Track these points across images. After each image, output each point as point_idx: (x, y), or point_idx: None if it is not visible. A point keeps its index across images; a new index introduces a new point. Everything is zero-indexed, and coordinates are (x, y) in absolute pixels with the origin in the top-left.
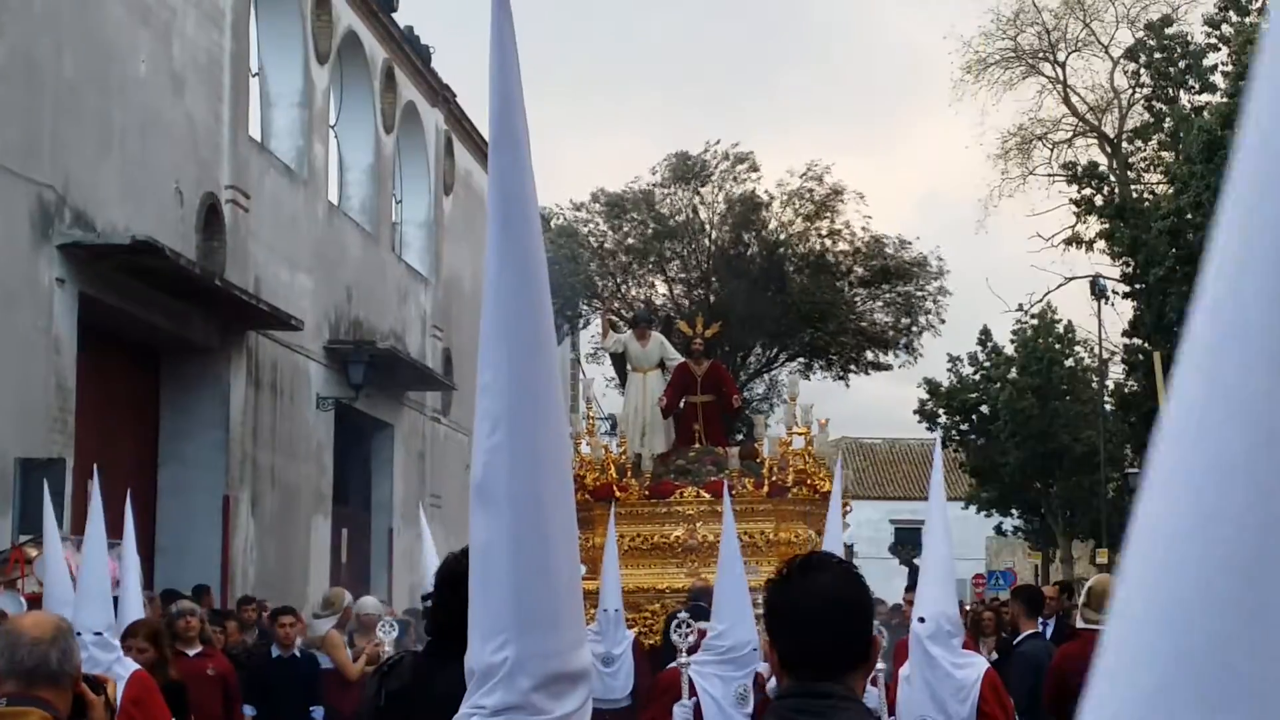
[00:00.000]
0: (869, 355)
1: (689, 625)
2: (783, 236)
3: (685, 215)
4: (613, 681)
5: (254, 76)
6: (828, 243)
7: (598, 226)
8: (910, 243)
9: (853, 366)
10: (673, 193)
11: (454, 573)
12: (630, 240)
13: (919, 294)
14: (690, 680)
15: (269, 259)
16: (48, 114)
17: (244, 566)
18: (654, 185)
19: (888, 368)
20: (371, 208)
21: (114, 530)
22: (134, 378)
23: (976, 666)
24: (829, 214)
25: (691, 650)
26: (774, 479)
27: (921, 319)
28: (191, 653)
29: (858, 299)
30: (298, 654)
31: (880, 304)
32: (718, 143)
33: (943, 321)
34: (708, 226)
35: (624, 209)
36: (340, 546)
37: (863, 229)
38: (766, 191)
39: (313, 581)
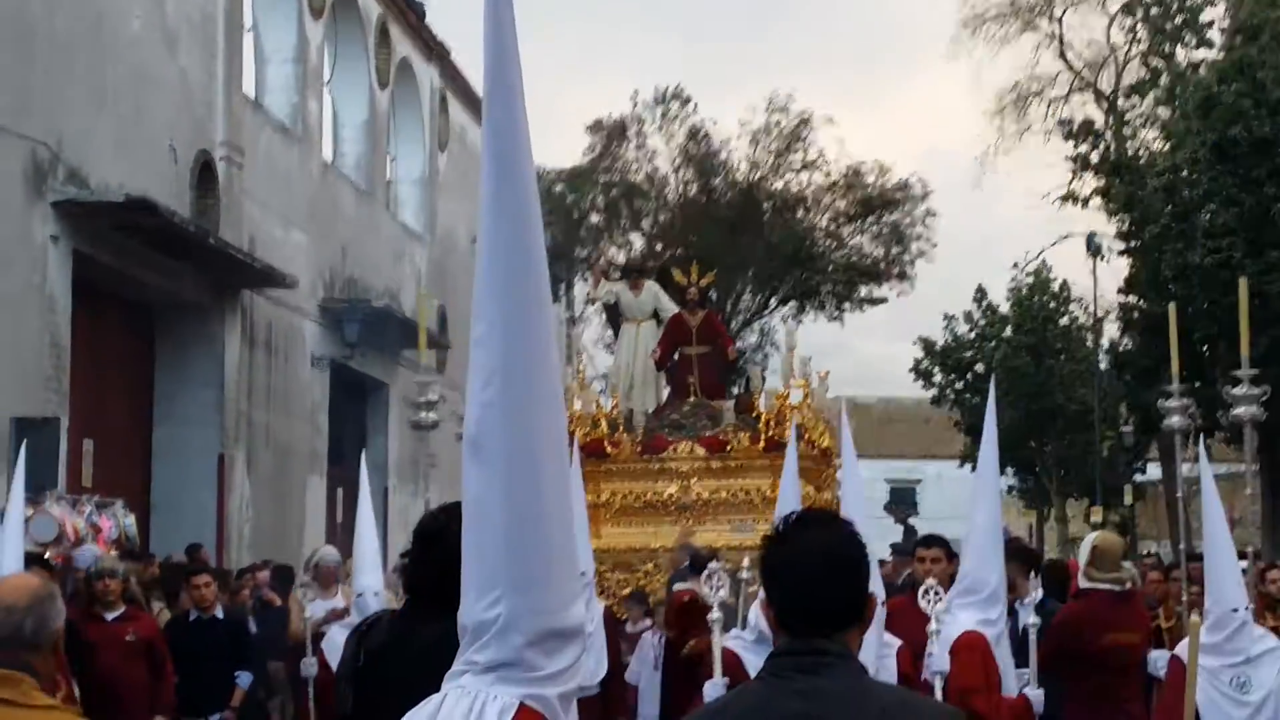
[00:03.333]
0: (862, 290)
1: (719, 576)
2: (754, 177)
3: (644, 171)
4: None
5: (248, 33)
6: (803, 178)
7: (561, 193)
8: (889, 168)
9: (846, 304)
10: (616, 159)
11: (429, 530)
12: (598, 203)
13: (906, 220)
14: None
15: (263, 217)
16: (41, 71)
17: (239, 525)
18: (590, 158)
19: (883, 300)
20: (366, 165)
21: (109, 489)
22: (128, 336)
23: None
24: (800, 145)
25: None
26: (771, 434)
27: (913, 246)
28: (110, 616)
29: (844, 233)
30: (219, 616)
31: (868, 237)
32: (636, 93)
33: (934, 245)
34: (671, 177)
35: (584, 179)
36: (335, 506)
37: (836, 157)
38: (710, 119)
39: (308, 541)
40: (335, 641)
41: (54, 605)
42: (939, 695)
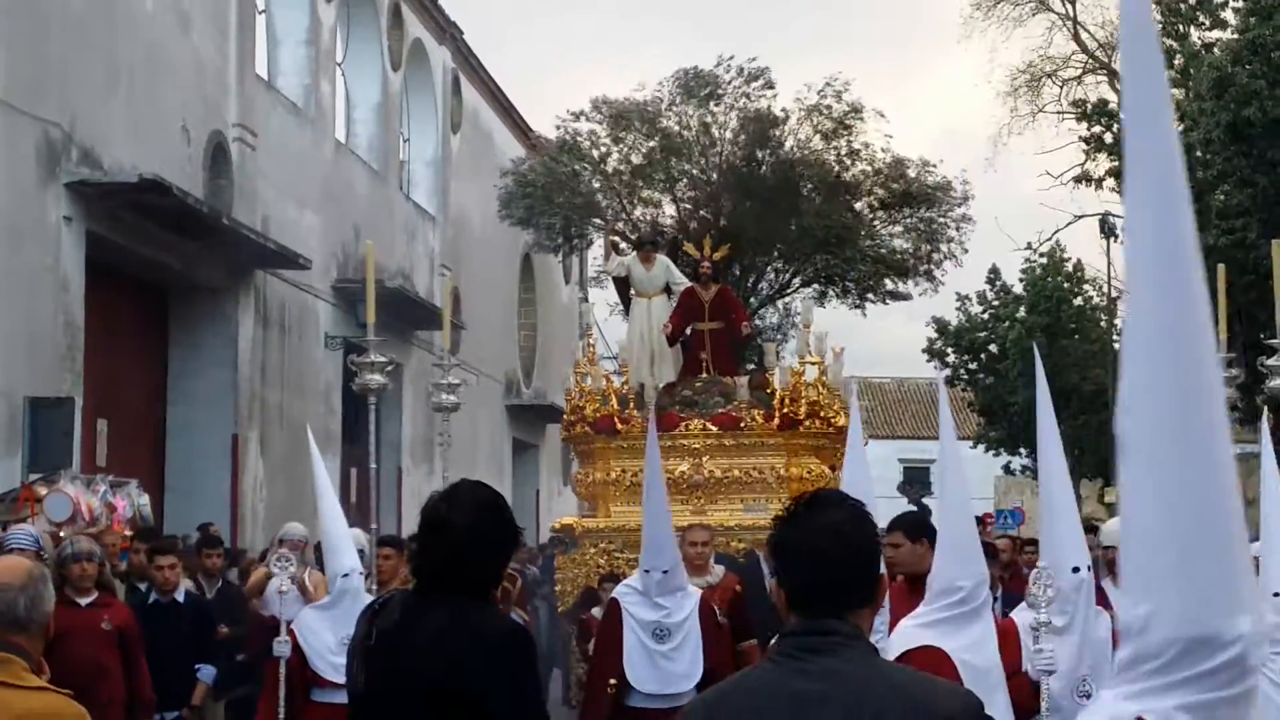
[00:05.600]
0: (888, 284)
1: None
2: (799, 155)
3: (695, 132)
4: (671, 666)
5: (260, 14)
6: (846, 162)
7: (599, 139)
8: (935, 166)
9: (870, 296)
10: (682, 109)
11: (433, 519)
12: (634, 158)
13: (941, 220)
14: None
15: (276, 198)
16: (54, 51)
17: (253, 505)
18: (659, 99)
19: (907, 297)
20: (379, 146)
21: (123, 468)
22: (142, 316)
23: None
24: (847, 133)
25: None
26: (785, 411)
27: (944, 247)
28: (84, 602)
29: (877, 223)
30: (179, 600)
31: (900, 229)
32: (731, 58)
33: (965, 251)
34: (719, 144)
35: (629, 122)
36: (349, 486)
37: (883, 150)
38: (784, 109)
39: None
40: (306, 621)
41: (47, 587)
42: (1043, 695)
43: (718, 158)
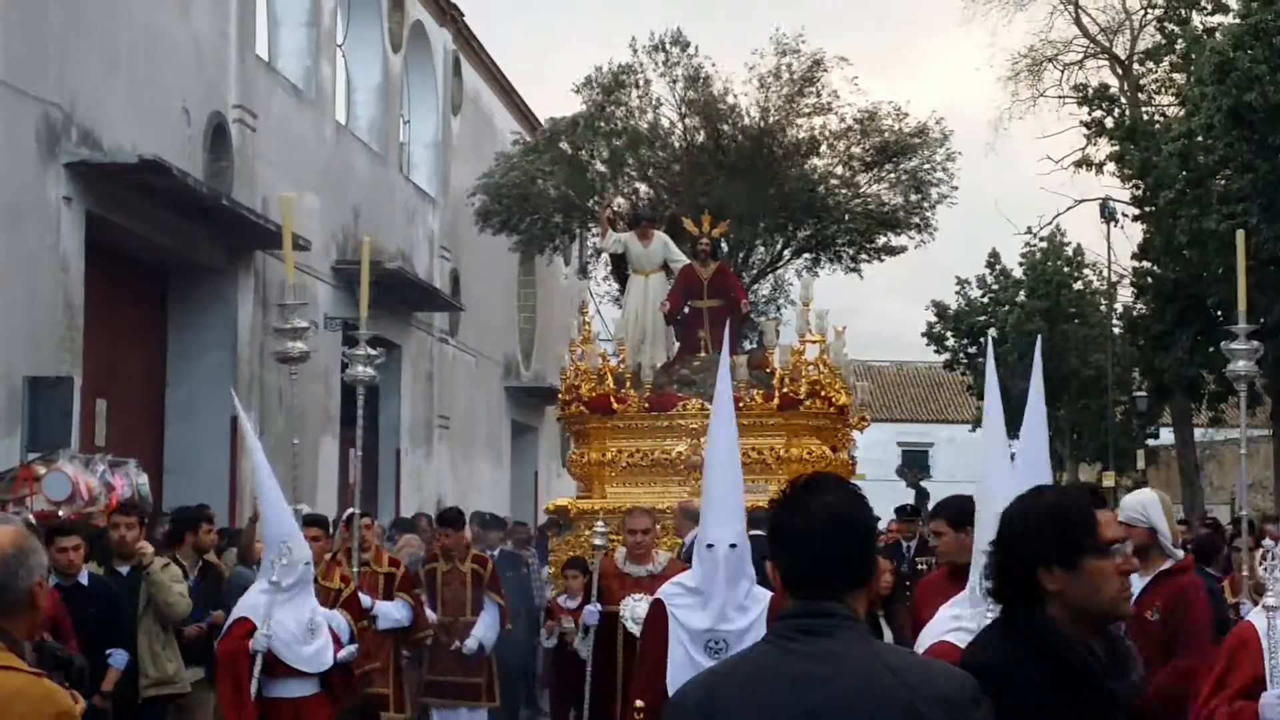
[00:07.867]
0: (880, 239)
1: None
2: (764, 123)
3: (647, 120)
4: None
5: None
6: (816, 123)
7: (565, 146)
8: (907, 113)
9: (863, 255)
10: (619, 106)
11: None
12: (601, 154)
13: (925, 166)
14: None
15: (276, 179)
16: (54, 31)
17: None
18: (588, 107)
19: (902, 250)
20: (379, 128)
21: (124, 449)
22: (141, 297)
23: None
24: (813, 89)
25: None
26: (785, 391)
27: (933, 192)
28: None
29: (860, 181)
30: (83, 583)
31: (885, 185)
32: (634, 39)
33: (955, 189)
34: (676, 127)
35: (555, 143)
36: (348, 467)
37: (852, 92)
38: (726, 83)
39: (321, 503)
40: (264, 613)
41: (25, 561)
42: None
43: (680, 142)
